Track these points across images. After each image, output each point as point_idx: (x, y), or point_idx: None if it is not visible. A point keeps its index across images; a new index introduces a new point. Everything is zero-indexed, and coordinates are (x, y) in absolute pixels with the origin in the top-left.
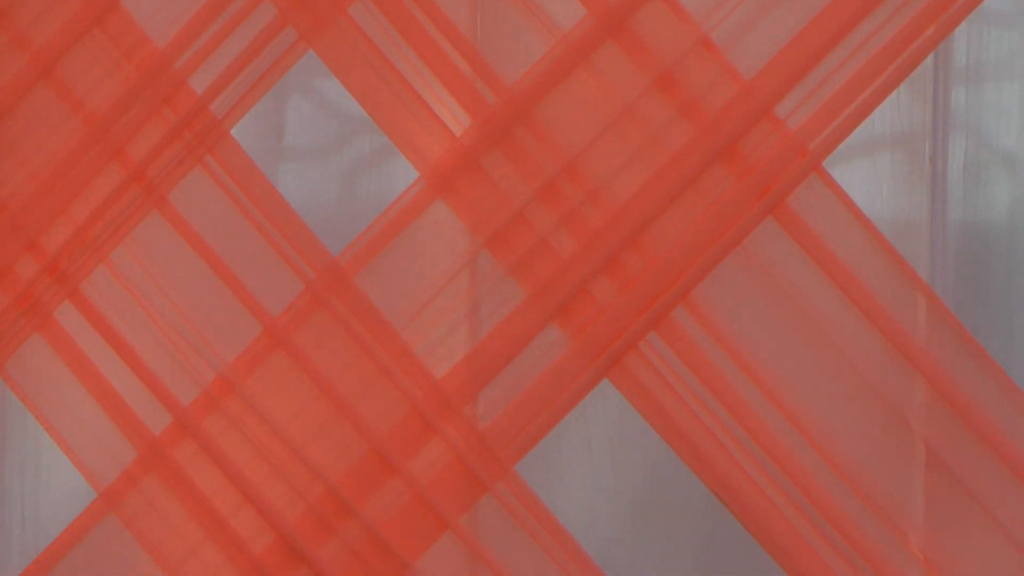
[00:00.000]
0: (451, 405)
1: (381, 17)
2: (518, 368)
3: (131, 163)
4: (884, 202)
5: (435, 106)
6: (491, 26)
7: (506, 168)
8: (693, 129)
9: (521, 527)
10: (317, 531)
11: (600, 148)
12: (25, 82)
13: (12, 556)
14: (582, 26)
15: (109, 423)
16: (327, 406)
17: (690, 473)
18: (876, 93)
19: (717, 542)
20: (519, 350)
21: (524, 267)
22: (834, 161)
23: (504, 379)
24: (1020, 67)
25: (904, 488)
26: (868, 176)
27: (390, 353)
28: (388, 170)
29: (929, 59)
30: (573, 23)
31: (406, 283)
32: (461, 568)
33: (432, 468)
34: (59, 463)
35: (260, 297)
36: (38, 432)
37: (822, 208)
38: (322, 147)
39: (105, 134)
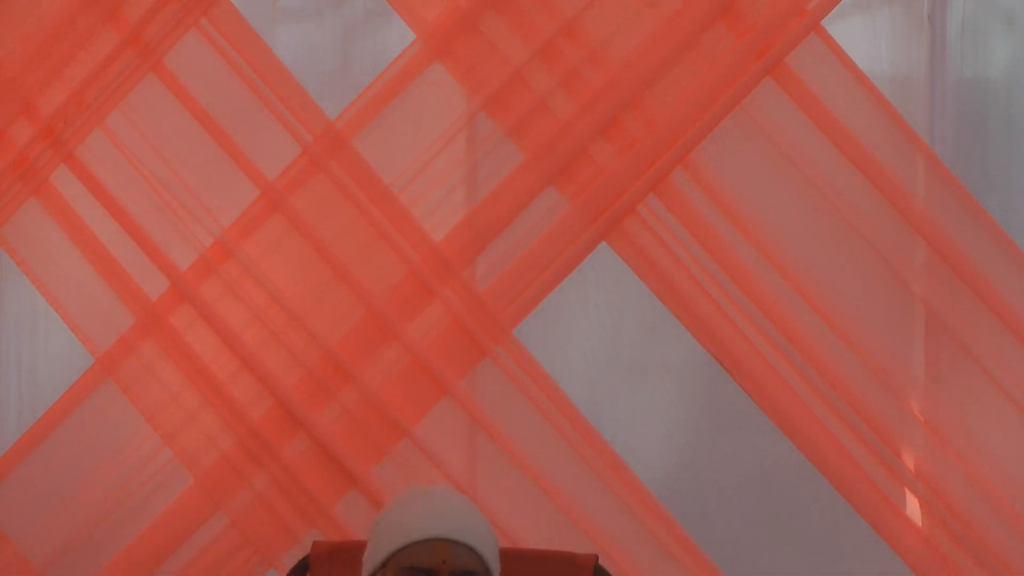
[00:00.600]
0: (450, 268)
1: None
2: (517, 231)
3: (126, 26)
4: (883, 60)
5: None
6: None
7: (504, 29)
8: None
9: (520, 391)
10: (315, 396)
11: (599, 8)
12: None
13: (9, 421)
14: None
15: (106, 288)
16: (325, 270)
17: (689, 335)
18: None
19: (716, 404)
20: (517, 213)
21: (523, 129)
22: (832, 19)
23: (502, 242)
24: None
25: (904, 350)
26: (867, 34)
27: (388, 216)
28: (384, 31)
29: None
30: None
31: (404, 146)
32: (460, 433)
33: (431, 332)
34: (56, 329)
35: (257, 160)
36: (35, 297)
37: (821, 67)
38: (318, 7)
39: None
